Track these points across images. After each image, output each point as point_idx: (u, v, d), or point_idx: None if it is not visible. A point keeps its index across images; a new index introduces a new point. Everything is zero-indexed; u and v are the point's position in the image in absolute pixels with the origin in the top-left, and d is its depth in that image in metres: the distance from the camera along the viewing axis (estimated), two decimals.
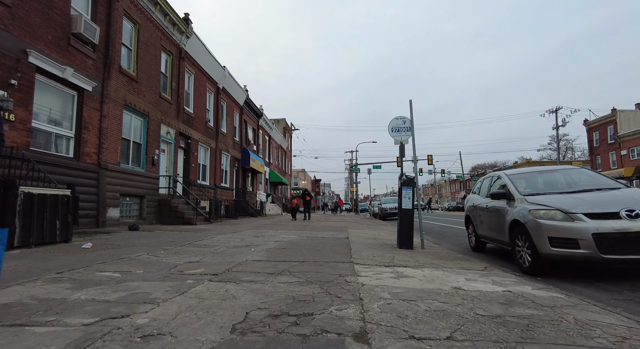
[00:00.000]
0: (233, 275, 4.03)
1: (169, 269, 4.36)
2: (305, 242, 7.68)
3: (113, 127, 10.32)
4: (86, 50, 9.11)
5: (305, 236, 9.26)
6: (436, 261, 5.51)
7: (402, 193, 7.33)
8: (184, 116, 15.18)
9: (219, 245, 6.98)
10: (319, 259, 5.30)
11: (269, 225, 13.52)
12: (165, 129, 13.62)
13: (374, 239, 9.13)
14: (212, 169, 18.35)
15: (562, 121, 43.97)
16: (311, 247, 6.68)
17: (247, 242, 7.56)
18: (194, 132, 16.18)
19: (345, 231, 11.34)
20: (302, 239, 8.37)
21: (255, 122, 27.21)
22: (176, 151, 14.47)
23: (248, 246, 6.85)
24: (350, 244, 7.54)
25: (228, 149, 20.71)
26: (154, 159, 12.60)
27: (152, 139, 12.60)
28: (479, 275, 4.40)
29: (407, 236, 7.22)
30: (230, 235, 9.10)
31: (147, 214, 12.07)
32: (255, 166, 24.51)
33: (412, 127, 7.77)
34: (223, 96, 20.03)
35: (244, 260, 5.10)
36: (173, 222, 12.72)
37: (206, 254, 5.76)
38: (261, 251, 6.07)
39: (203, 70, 17.17)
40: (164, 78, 13.81)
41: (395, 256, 5.99)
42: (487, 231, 6.58)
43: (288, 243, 7.37)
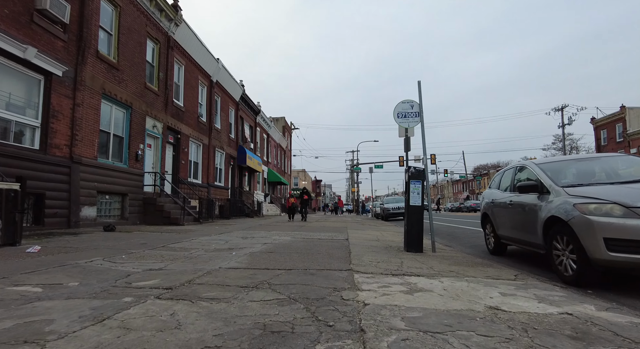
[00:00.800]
0: (192, 289, 3.05)
1: (115, 280, 3.38)
2: (298, 244, 6.69)
3: (89, 117, 9.36)
4: (54, 29, 8.16)
5: (299, 237, 8.28)
6: (454, 268, 4.52)
7: (409, 188, 6.34)
8: (172, 109, 14.22)
9: (197, 248, 6.01)
10: (311, 265, 4.31)
11: (263, 226, 12.54)
12: (152, 123, 12.66)
13: (376, 240, 8.14)
14: (205, 166, 17.39)
15: (568, 120, 42.94)
16: (304, 251, 5.70)
17: (231, 245, 6.58)
18: (185, 126, 15.22)
19: (345, 232, 10.36)
20: (296, 241, 7.39)
21: (252, 119, 26.26)
22: (164, 147, 13.51)
23: (230, 250, 5.87)
24: (349, 246, 6.56)
25: (223, 146, 19.75)
26: (137, 154, 11.64)
27: (136, 133, 11.64)
28: (514, 287, 3.41)
29: (416, 238, 6.24)
30: (216, 237, 8.12)
31: (129, 214, 11.10)
32: (252, 165, 23.55)
33: (421, 112, 6.78)
34: (217, 90, 19.08)
35: (217, 268, 4.12)
36: (158, 223, 11.75)
37: (176, 259, 4.79)
38: (243, 256, 5.09)
39: (195, 62, 16.23)
40: (150, 68, 12.86)
41: (404, 261, 5.00)
42: (511, 231, 5.59)
43: (278, 246, 6.38)
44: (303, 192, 17.41)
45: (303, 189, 17.82)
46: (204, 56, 16.93)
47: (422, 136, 6.70)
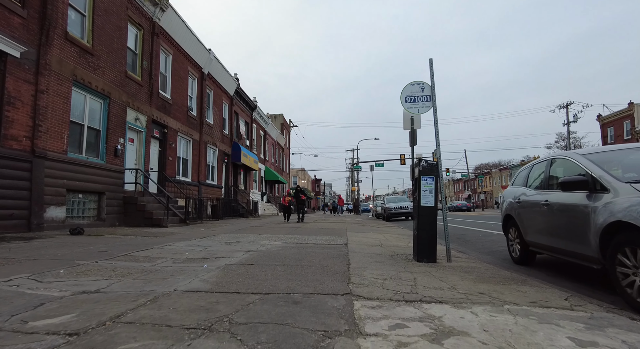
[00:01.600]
0: (109, 336, 2.02)
1: (10, 315, 2.36)
2: (289, 252, 5.66)
3: (56, 106, 8.33)
4: (9, 3, 7.12)
5: (292, 242, 7.25)
6: (482, 287, 3.50)
7: (420, 185, 5.31)
8: (158, 101, 13.18)
9: (165, 258, 4.99)
10: (297, 286, 3.28)
11: (255, 227, 11.51)
12: (134, 115, 11.63)
13: (380, 246, 7.12)
14: (195, 163, 16.35)
15: (574, 117, 41.96)
16: (293, 262, 4.67)
17: (209, 252, 5.55)
18: (172, 120, 14.18)
19: (344, 234, 9.33)
20: (287, 247, 6.36)
21: (248, 115, 25.22)
22: (148, 141, 12.48)
23: (205, 260, 4.85)
24: (349, 255, 5.53)
25: (215, 143, 18.71)
26: (117, 149, 10.60)
27: (115, 126, 10.61)
28: (583, 325, 2.39)
29: (429, 245, 5.21)
30: (196, 242, 7.09)
31: (107, 215, 10.08)
32: (247, 162, 22.53)
33: (434, 96, 5.74)
34: (209, 82, 18.04)
35: (171, 290, 3.10)
36: (140, 224, 10.73)
37: (128, 274, 3.77)
38: (214, 270, 4.07)
39: (184, 52, 15.18)
40: (133, 55, 11.82)
41: (417, 276, 3.97)
42: (546, 238, 4.56)
43: (263, 255, 5.35)
44: (298, 191, 16.06)
45: (297, 188, 16.41)
46: (194, 46, 15.89)
47: (435, 123, 5.66)
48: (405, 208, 21.11)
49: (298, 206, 15.95)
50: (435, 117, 5.67)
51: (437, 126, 5.67)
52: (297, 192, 16.00)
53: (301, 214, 15.73)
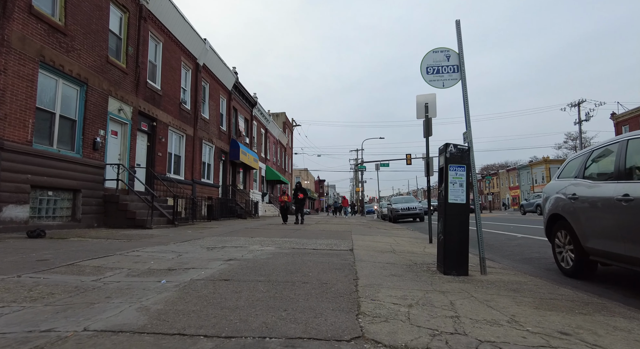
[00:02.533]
0: None
1: None
2: (280, 261, 4.51)
3: (18, 90, 7.26)
4: None
5: (288, 247, 6.11)
6: (556, 319, 2.36)
7: (448, 176, 4.16)
8: (146, 91, 12.11)
9: (121, 269, 3.87)
10: (279, 321, 2.14)
11: (249, 229, 10.39)
12: (117, 105, 10.55)
13: (392, 252, 5.96)
14: (189, 160, 15.27)
15: (586, 115, 40.58)
16: (282, 277, 3.52)
17: (180, 261, 4.42)
18: (162, 113, 13.11)
19: (349, 238, 8.18)
20: (279, 254, 5.22)
21: (247, 111, 24.14)
22: (134, 135, 11.40)
23: (169, 272, 3.74)
24: (355, 264, 4.38)
25: (212, 139, 17.63)
26: (96, 141, 9.52)
27: (94, 116, 9.53)
28: None
29: (459, 253, 4.06)
30: (174, 246, 5.97)
31: (83, 215, 8.99)
32: (246, 161, 21.43)
33: (462, 66, 4.58)
34: (205, 75, 16.97)
35: (77, 330, 1.96)
36: (122, 225, 9.64)
37: (48, 296, 2.68)
38: (169, 290, 2.94)
39: (176, 40, 14.12)
40: (116, 40, 10.76)
41: (453, 299, 2.82)
42: (623, 245, 3.38)
43: (246, 265, 4.20)
44: (297, 190, 14.27)
45: (297, 185, 14.60)
46: (188, 34, 14.83)
47: (464, 99, 4.49)
48: (413, 209, 19.91)
49: (297, 206, 14.30)
50: (465, 92, 4.51)
51: (467, 103, 4.50)
52: (296, 190, 14.34)
53: (300, 216, 14.04)
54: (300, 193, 14.23)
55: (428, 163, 8.32)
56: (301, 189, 14.51)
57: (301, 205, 14.23)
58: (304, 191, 14.52)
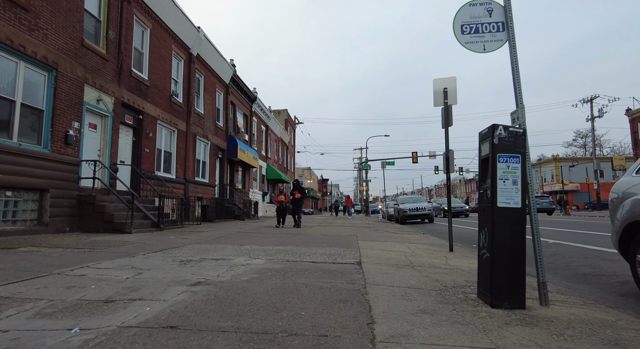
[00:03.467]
0: None
1: None
2: (263, 288, 3.34)
3: None
4: None
5: (281, 259, 4.96)
6: None
7: (496, 170, 2.99)
8: (131, 81, 11.00)
9: (39, 300, 2.76)
10: None
11: (243, 234, 9.25)
12: (95, 94, 9.45)
13: (409, 266, 4.78)
14: (181, 158, 14.15)
15: (599, 111, 39.12)
16: (260, 320, 2.35)
17: (129, 286, 3.28)
18: (150, 106, 12.00)
19: (355, 244, 7.01)
20: (268, 271, 4.06)
21: (247, 107, 23.01)
22: (116, 128, 10.29)
23: (105, 304, 2.63)
24: (367, 290, 3.22)
25: (207, 135, 16.51)
26: (68, 135, 8.42)
27: (66, 106, 8.43)
28: None
29: (513, 278, 2.89)
30: (139, 259, 4.84)
31: (52, 218, 7.90)
32: (245, 159, 20.31)
33: (510, 22, 3.39)
34: (199, 66, 15.85)
35: None
36: (98, 229, 8.55)
37: None
38: None
39: (166, 27, 13.00)
40: (94, 22, 9.65)
41: None
42: None
43: (216, 295, 3.04)
44: (294, 188, 12.65)
45: (294, 183, 13.01)
46: (180, 21, 13.71)
47: (513, 68, 3.30)
48: (422, 210, 18.70)
49: (293, 207, 12.54)
50: (513, 55, 3.32)
51: (518, 73, 3.31)
52: (293, 188, 12.72)
53: (297, 218, 12.33)
54: (298, 192, 12.58)
55: (448, 158, 7.12)
56: (299, 187, 12.82)
57: (298, 205, 12.57)
58: (301, 189, 12.87)
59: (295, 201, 12.51)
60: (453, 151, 7.14)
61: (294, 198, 12.56)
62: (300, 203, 12.56)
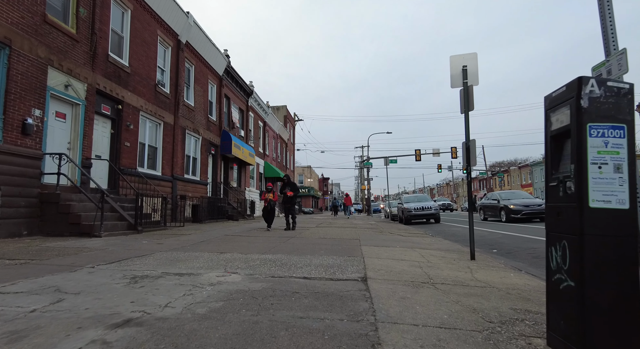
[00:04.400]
0: None
1: None
2: (220, 333, 2.19)
3: None
4: None
5: (262, 276, 3.84)
6: None
7: (584, 149, 1.84)
8: (108, 66, 9.89)
9: None
10: None
11: (229, 237, 8.14)
12: (62, 79, 8.34)
13: (429, 283, 3.66)
14: (168, 153, 13.04)
15: None
16: None
17: (8, 334, 2.14)
18: (131, 95, 10.88)
19: (357, 251, 5.88)
20: (239, 298, 2.93)
21: (242, 101, 21.88)
22: (90, 119, 9.18)
23: None
24: (377, 334, 2.08)
25: (197, 129, 15.39)
26: (26, 123, 7.31)
27: (24, 90, 7.32)
28: None
29: (620, 323, 1.74)
30: (78, 275, 3.74)
31: (3, 220, 6.80)
32: (240, 155, 19.20)
33: None
34: (189, 55, 14.72)
35: None
36: (62, 233, 7.45)
37: None
38: None
39: (149, 9, 11.87)
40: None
41: None
42: None
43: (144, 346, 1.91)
44: (285, 185, 10.75)
45: (284, 180, 11.05)
46: (166, 4, 12.58)
47: None
48: (428, 209, 17.55)
49: (285, 207, 10.82)
50: None
51: None
52: (284, 185, 10.77)
53: (292, 219, 10.60)
54: (289, 190, 10.65)
55: (468, 148, 5.98)
56: (290, 184, 10.86)
57: (291, 205, 10.71)
58: (294, 186, 10.91)
59: (288, 199, 10.71)
60: (475, 140, 6.00)
61: (286, 197, 10.71)
62: (294, 202, 10.85)
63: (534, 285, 3.88)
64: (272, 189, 10.82)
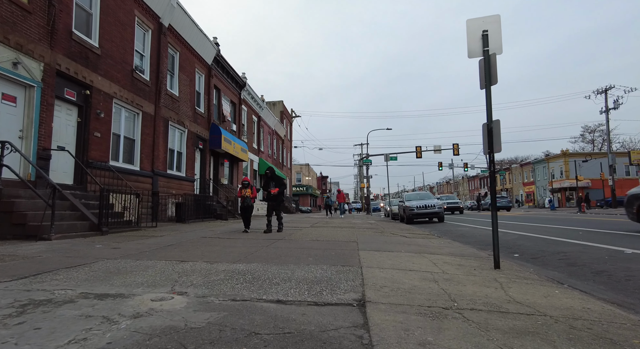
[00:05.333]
0: None
1: None
2: None
3: None
4: None
5: (219, 299, 2.69)
6: None
7: None
8: (71, 45, 8.72)
9: None
10: None
11: (202, 242, 7.00)
12: (8, 55, 7.18)
13: (453, 308, 2.50)
14: (148, 146, 11.88)
15: (614, 103, 36.95)
16: None
17: None
18: (102, 80, 9.72)
19: (355, 258, 4.73)
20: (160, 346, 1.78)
21: (234, 94, 20.71)
22: (49, 104, 8.01)
23: None
24: None
25: (183, 121, 14.23)
26: None
27: None
28: None
29: None
30: None
31: None
32: (232, 151, 18.04)
33: None
34: (172, 40, 13.54)
35: None
36: (4, 235, 6.29)
37: None
38: None
39: None
40: None
41: None
42: None
43: None
44: (269, 180, 8.91)
45: (267, 174, 9.06)
46: None
47: None
48: (432, 207, 16.41)
49: (269, 205, 9.09)
50: None
51: None
52: (268, 180, 8.91)
53: (278, 219, 9.08)
54: (274, 186, 8.83)
55: (491, 131, 4.84)
56: (275, 178, 9.00)
57: (277, 204, 8.98)
58: (279, 181, 9.01)
59: (272, 197, 8.93)
60: (499, 121, 4.86)
61: (270, 194, 8.89)
62: (281, 199, 9.11)
63: (598, 310, 2.76)
64: (249, 184, 9.20)
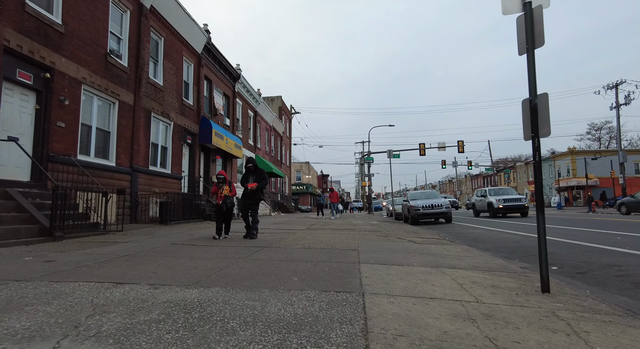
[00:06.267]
0: None
1: None
2: None
3: None
4: None
5: None
6: None
7: None
8: (24, 19, 7.53)
9: None
10: None
11: (172, 249, 5.80)
12: None
13: None
14: (125, 140, 10.69)
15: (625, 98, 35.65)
16: None
17: None
18: (67, 62, 8.54)
19: (355, 278, 3.50)
20: None
21: (228, 86, 19.50)
22: None
23: None
24: None
25: (168, 113, 13.03)
26: None
27: None
28: None
29: None
30: None
31: None
32: (224, 146, 16.84)
33: None
34: (156, 24, 12.33)
35: None
36: None
37: None
38: None
39: None
40: None
41: None
42: None
43: None
44: (247, 173, 7.32)
45: (247, 167, 7.34)
46: None
47: None
48: (439, 207, 15.21)
49: (245, 204, 7.38)
50: None
51: None
52: (247, 173, 7.30)
53: (252, 222, 7.32)
54: (250, 181, 7.24)
55: (536, 107, 3.61)
56: (256, 171, 7.38)
57: (253, 202, 7.33)
58: (261, 175, 7.35)
59: (248, 195, 7.29)
60: (547, 95, 3.64)
61: (246, 191, 7.26)
62: (258, 197, 7.35)
63: None
64: (224, 179, 7.42)
